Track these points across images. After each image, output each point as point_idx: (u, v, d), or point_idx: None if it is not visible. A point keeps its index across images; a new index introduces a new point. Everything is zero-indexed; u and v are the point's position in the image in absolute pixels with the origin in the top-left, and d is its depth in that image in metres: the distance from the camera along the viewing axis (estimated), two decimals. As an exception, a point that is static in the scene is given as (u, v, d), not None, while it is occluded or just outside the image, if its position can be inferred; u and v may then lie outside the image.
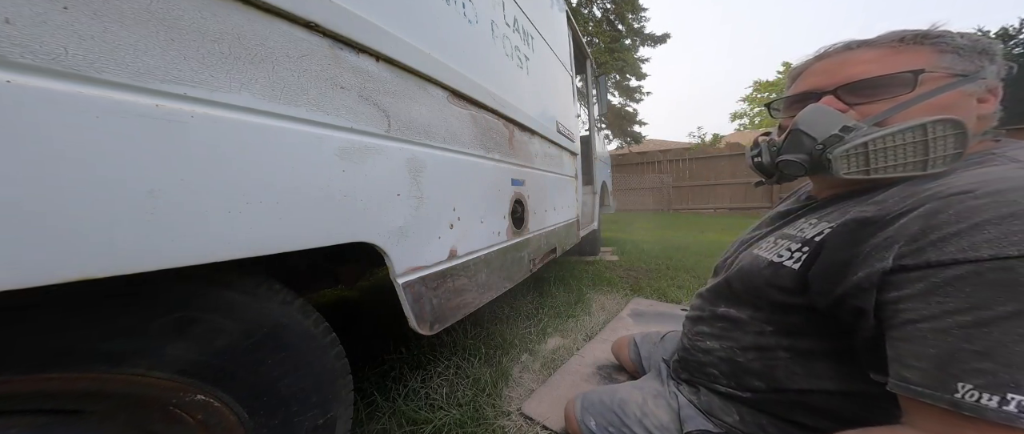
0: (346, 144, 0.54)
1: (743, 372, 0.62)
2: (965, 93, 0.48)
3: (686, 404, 0.70)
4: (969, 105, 0.49)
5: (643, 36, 10.82)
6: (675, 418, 0.69)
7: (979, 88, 0.49)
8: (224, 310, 0.45)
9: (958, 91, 0.48)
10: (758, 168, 0.67)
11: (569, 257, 3.09)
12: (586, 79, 3.09)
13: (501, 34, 1.10)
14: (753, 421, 0.60)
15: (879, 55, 0.52)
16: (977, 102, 0.49)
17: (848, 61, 0.55)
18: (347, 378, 0.61)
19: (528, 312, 1.75)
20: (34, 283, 0.28)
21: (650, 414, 0.71)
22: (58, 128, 0.29)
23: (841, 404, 0.52)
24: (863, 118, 0.52)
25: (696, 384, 0.71)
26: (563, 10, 2.05)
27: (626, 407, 0.74)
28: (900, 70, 0.49)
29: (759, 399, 0.60)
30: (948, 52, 0.49)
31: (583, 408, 0.80)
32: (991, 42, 0.50)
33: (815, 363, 0.53)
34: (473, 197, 0.90)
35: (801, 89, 0.60)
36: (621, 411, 0.74)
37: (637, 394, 0.77)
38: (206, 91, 0.38)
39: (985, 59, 0.49)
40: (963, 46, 0.49)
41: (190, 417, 0.43)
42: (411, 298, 0.66)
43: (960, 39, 0.50)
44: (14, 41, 0.27)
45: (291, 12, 0.46)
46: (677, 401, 0.72)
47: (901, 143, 0.47)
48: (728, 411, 0.63)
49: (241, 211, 0.41)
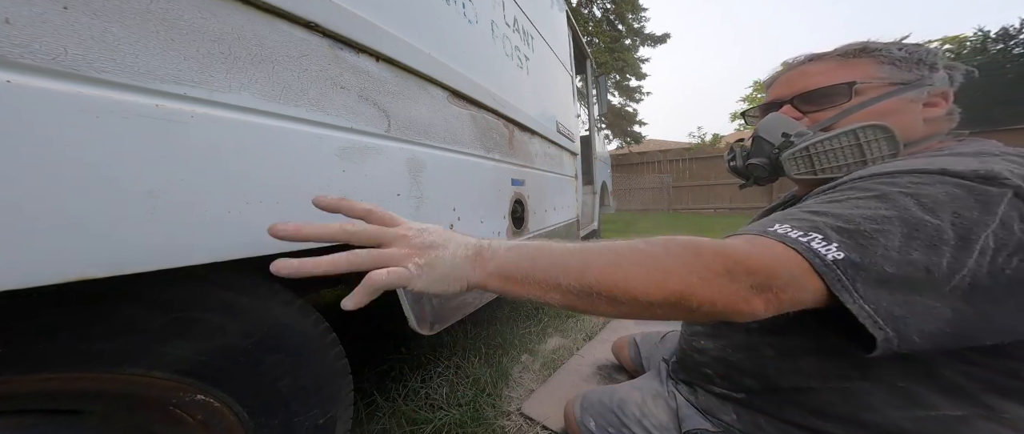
0: (346, 144, 0.54)
1: (736, 371, 0.63)
2: (906, 100, 0.53)
3: (684, 403, 0.70)
4: (912, 110, 0.53)
5: (643, 36, 10.82)
6: (673, 418, 0.69)
7: (921, 95, 0.53)
8: (224, 310, 0.45)
9: (898, 98, 0.53)
10: (734, 171, 0.72)
11: (569, 257, 3.08)
12: (586, 79, 3.09)
13: (501, 34, 1.10)
14: (750, 420, 0.60)
15: (827, 68, 0.58)
16: (923, 106, 0.53)
17: (804, 73, 0.61)
18: (347, 378, 0.61)
19: (528, 312, 1.75)
20: (34, 283, 0.28)
21: (649, 414, 0.71)
22: (58, 128, 0.29)
23: (829, 400, 0.51)
24: (813, 124, 0.57)
25: (694, 384, 0.71)
26: (563, 10, 2.05)
27: (625, 407, 0.74)
28: (839, 82, 0.55)
29: (753, 399, 0.60)
30: (887, 63, 0.54)
31: (582, 408, 0.80)
32: (930, 52, 0.54)
33: (799, 360, 0.54)
34: (473, 197, 0.90)
35: (768, 99, 0.67)
36: (620, 411, 0.74)
37: (636, 394, 0.77)
38: (206, 91, 0.38)
39: (924, 68, 0.53)
40: (900, 57, 0.54)
41: (190, 417, 0.43)
42: (411, 298, 0.66)
43: (897, 51, 0.54)
44: (14, 41, 0.27)
45: (291, 12, 0.46)
46: (676, 401, 0.72)
47: (839, 146, 0.53)
48: (725, 410, 0.63)
49: (241, 211, 0.41)
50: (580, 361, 1.26)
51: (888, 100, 0.53)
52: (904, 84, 0.53)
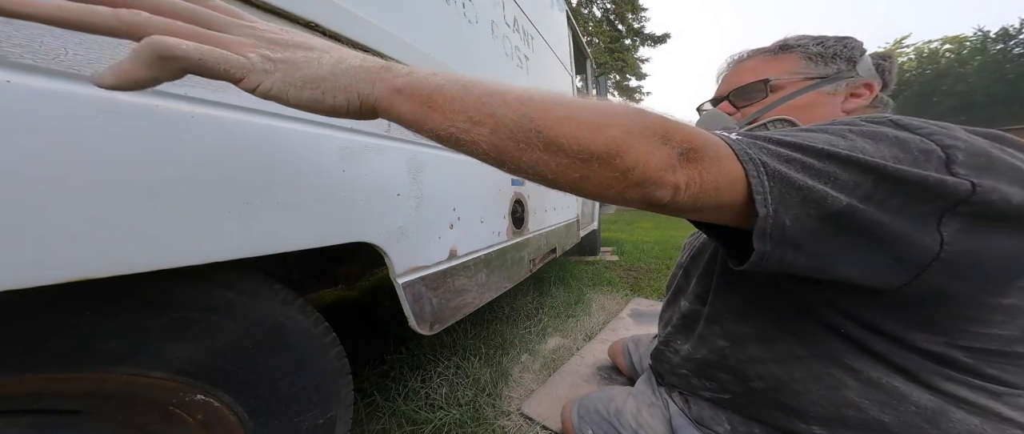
0: (346, 144, 0.54)
1: (706, 367, 0.64)
2: (824, 92, 0.55)
3: (677, 413, 0.70)
4: (829, 102, 0.55)
5: (643, 36, 10.83)
6: (668, 427, 0.69)
7: (839, 87, 0.55)
8: (224, 310, 0.45)
9: (816, 92, 0.55)
10: None
11: (569, 257, 3.09)
12: (586, 79, 3.09)
13: (501, 34, 1.10)
14: (746, 430, 0.59)
15: (757, 64, 0.61)
16: (847, 97, 0.55)
17: (739, 70, 0.63)
18: (347, 378, 0.61)
19: (528, 312, 1.75)
20: (34, 283, 0.28)
21: (644, 425, 0.71)
22: (58, 128, 0.29)
23: (810, 400, 0.51)
24: (742, 118, 0.60)
25: (685, 393, 0.71)
26: (563, 10, 2.05)
27: (622, 417, 0.75)
28: (757, 79, 0.59)
29: (740, 402, 0.60)
30: (805, 58, 0.57)
31: (580, 417, 0.81)
32: (848, 45, 0.56)
33: (749, 348, 0.56)
34: (473, 197, 0.90)
35: (714, 95, 0.69)
36: (617, 421, 0.74)
37: (632, 403, 0.77)
38: (206, 91, 0.38)
39: (841, 62, 0.55)
40: (816, 53, 0.56)
41: (190, 417, 0.43)
42: (411, 298, 0.66)
43: (814, 47, 0.57)
44: (14, 41, 0.27)
45: (291, 12, 0.46)
46: (668, 410, 0.71)
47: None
48: (718, 421, 0.62)
49: (241, 211, 0.41)
50: (580, 361, 1.26)
51: (806, 94, 0.56)
52: (821, 78, 0.56)
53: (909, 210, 0.33)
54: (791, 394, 0.52)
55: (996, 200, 0.32)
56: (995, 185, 0.32)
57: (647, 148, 0.29)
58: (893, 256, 0.35)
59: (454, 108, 0.29)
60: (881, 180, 0.32)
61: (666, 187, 0.30)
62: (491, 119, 0.28)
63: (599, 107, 0.31)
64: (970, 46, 14.70)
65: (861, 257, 0.35)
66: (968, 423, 0.41)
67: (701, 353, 0.64)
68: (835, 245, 0.34)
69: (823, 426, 0.49)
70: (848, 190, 0.32)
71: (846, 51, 0.55)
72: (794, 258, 0.35)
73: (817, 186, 0.32)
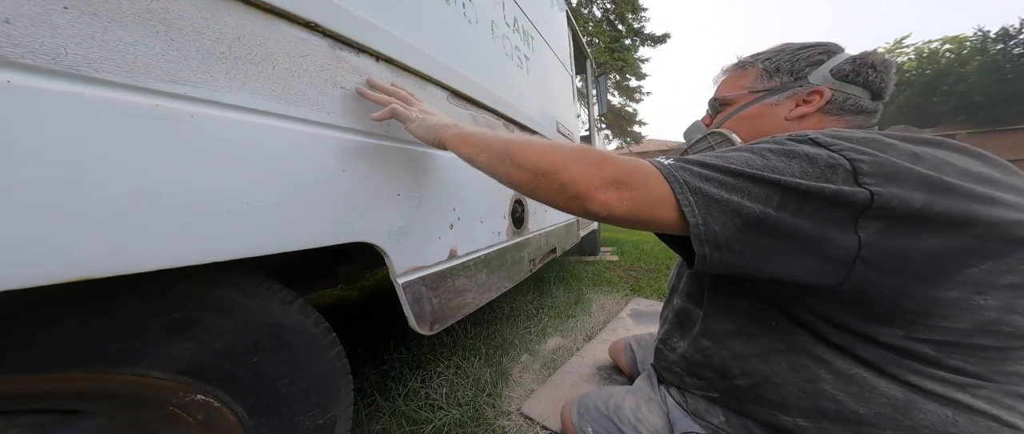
0: (346, 144, 0.54)
1: (694, 366, 0.67)
2: (767, 104, 0.62)
3: (674, 406, 0.71)
4: (773, 113, 0.61)
5: (643, 36, 10.81)
6: (666, 421, 0.70)
7: (781, 99, 0.60)
8: (224, 310, 0.45)
9: (759, 104, 0.62)
10: None
11: (569, 257, 3.09)
12: (586, 79, 3.09)
13: (501, 34, 1.10)
14: (739, 424, 0.60)
15: (727, 78, 0.70)
16: (796, 105, 0.59)
17: (719, 83, 0.72)
18: (347, 378, 0.61)
19: (528, 312, 1.75)
20: (34, 283, 0.28)
21: (644, 420, 0.72)
22: (58, 128, 0.29)
23: (790, 393, 0.53)
24: (711, 126, 0.69)
25: (681, 388, 0.73)
26: (563, 10, 2.05)
27: (621, 413, 0.75)
28: (717, 96, 0.69)
29: (729, 400, 0.62)
30: (756, 74, 0.64)
31: (580, 414, 0.81)
32: (794, 58, 0.60)
33: (730, 344, 0.59)
34: (473, 197, 0.90)
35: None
36: (617, 417, 0.75)
37: (631, 399, 0.78)
38: (206, 91, 0.38)
39: (784, 75, 0.61)
40: (763, 69, 0.63)
41: (190, 417, 0.43)
42: (411, 298, 0.66)
43: (762, 63, 0.64)
44: (14, 41, 0.27)
45: (291, 12, 0.46)
46: (666, 405, 0.73)
47: (704, 146, 0.67)
48: (714, 413, 0.64)
49: (241, 211, 0.41)
50: (580, 361, 1.26)
51: (751, 107, 0.63)
52: (766, 91, 0.62)
53: (824, 215, 0.39)
54: (773, 388, 0.54)
55: (897, 205, 0.37)
56: (897, 192, 0.37)
57: (580, 171, 0.43)
58: (820, 255, 0.40)
59: (475, 145, 0.54)
60: (787, 192, 0.39)
61: (597, 202, 0.42)
62: (488, 150, 0.52)
63: (551, 144, 0.47)
64: (970, 46, 14.70)
65: (790, 257, 0.41)
66: (940, 414, 0.43)
67: (689, 352, 0.68)
68: (763, 246, 0.41)
69: (805, 418, 0.51)
70: (761, 201, 0.40)
71: (793, 64, 0.60)
72: (731, 259, 0.42)
73: (733, 198, 0.40)
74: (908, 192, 0.37)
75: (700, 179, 0.42)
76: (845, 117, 0.57)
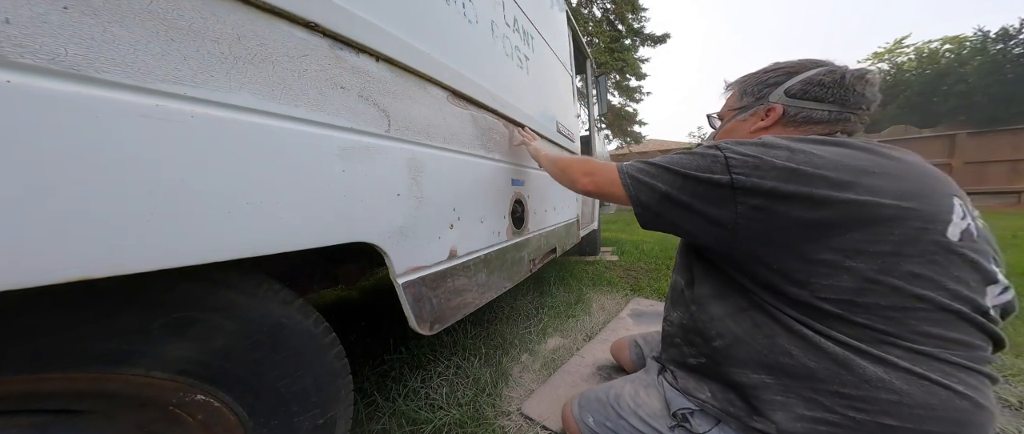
0: (346, 144, 0.54)
1: (685, 332, 0.75)
2: (739, 120, 0.75)
3: (669, 387, 0.75)
4: (741, 127, 0.74)
5: (643, 36, 10.80)
6: (664, 404, 0.73)
7: (746, 115, 0.73)
8: (224, 310, 0.45)
9: (734, 121, 0.76)
10: None
11: (569, 257, 3.09)
12: (586, 79, 3.09)
13: (501, 34, 1.10)
14: (723, 397, 0.65)
15: (726, 95, 0.82)
16: (758, 120, 0.71)
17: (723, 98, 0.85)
18: (347, 378, 0.61)
19: (528, 312, 1.75)
20: (34, 283, 0.28)
21: (643, 404, 0.75)
22: (58, 128, 0.29)
23: (755, 350, 0.59)
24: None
25: (673, 367, 0.78)
26: (563, 10, 2.05)
27: (620, 400, 0.78)
28: (716, 113, 0.85)
29: (709, 364, 0.68)
30: (736, 94, 0.77)
31: (581, 406, 0.83)
32: (758, 83, 0.71)
33: (709, 307, 0.68)
34: (473, 197, 0.90)
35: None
36: (616, 404, 0.78)
37: (630, 387, 0.81)
38: (206, 91, 0.38)
39: (750, 96, 0.72)
40: (741, 90, 0.75)
41: (190, 417, 0.43)
42: (411, 298, 0.66)
43: (740, 85, 0.76)
44: (14, 41, 0.27)
45: (291, 12, 0.46)
46: (663, 388, 0.76)
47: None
48: (701, 388, 0.69)
49: (241, 211, 0.41)
50: (580, 361, 1.26)
51: (730, 122, 0.77)
52: (740, 109, 0.75)
53: (705, 193, 0.57)
54: (743, 347, 0.61)
55: (751, 186, 0.53)
56: (751, 177, 0.53)
57: (579, 171, 0.82)
58: (706, 220, 0.58)
59: (545, 160, 1.02)
60: (682, 177, 0.60)
61: (580, 185, 0.81)
62: (552, 163, 0.96)
63: (575, 158, 0.94)
64: (970, 46, 14.69)
65: (692, 221, 0.60)
66: (874, 371, 0.49)
67: (684, 319, 0.76)
68: (674, 213, 0.62)
69: (769, 374, 0.58)
70: (668, 183, 0.62)
71: (757, 87, 0.71)
72: (658, 222, 0.65)
73: (652, 182, 0.64)
74: (759, 177, 0.52)
75: (637, 171, 0.67)
76: (802, 127, 0.66)
